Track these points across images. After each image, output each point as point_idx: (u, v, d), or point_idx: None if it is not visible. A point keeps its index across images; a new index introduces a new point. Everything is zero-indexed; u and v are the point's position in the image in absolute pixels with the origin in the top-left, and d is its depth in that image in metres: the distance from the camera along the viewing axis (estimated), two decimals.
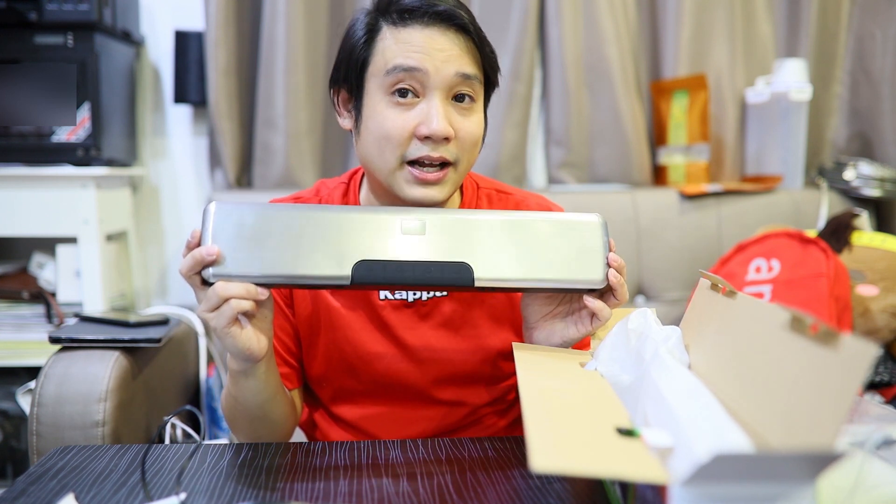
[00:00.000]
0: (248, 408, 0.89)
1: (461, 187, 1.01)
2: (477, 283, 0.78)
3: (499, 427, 1.04)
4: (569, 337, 0.86)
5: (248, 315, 0.77)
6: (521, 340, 0.96)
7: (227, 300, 0.74)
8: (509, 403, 1.04)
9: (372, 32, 0.88)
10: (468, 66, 0.87)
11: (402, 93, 0.86)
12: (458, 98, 0.88)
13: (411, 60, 0.85)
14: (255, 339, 0.78)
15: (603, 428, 0.60)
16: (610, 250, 0.83)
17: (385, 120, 0.87)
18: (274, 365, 0.88)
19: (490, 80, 0.93)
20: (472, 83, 0.88)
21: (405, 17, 0.86)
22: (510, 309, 0.99)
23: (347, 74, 0.91)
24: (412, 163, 0.87)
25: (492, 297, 0.98)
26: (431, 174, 0.87)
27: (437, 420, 1.00)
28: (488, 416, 1.03)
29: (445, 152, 0.87)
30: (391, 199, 0.92)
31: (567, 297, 0.87)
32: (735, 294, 0.73)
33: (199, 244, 0.76)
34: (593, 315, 0.84)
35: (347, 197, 1.00)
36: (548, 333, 0.88)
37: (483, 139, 0.94)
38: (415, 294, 0.96)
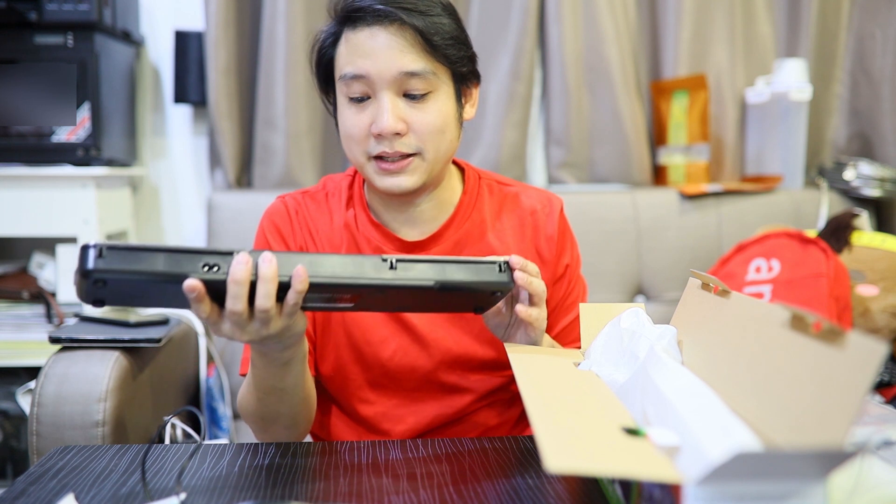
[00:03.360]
0: (296, 392, 0.88)
1: (464, 179, 1.04)
2: (397, 259, 0.77)
3: (504, 418, 1.05)
4: (528, 341, 0.89)
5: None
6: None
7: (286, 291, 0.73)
8: (514, 392, 1.05)
9: (335, 37, 0.93)
10: (413, 63, 0.89)
11: (358, 99, 0.91)
12: (412, 93, 0.90)
13: (355, 68, 0.90)
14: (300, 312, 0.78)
15: (609, 427, 0.60)
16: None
17: (346, 120, 0.93)
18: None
19: (454, 68, 0.93)
20: (422, 77, 0.90)
21: (355, 19, 0.90)
22: None
23: (319, 78, 0.98)
24: (376, 157, 0.92)
25: None
26: (394, 164, 0.91)
27: (444, 408, 1.00)
28: (495, 405, 1.03)
29: (401, 146, 0.90)
30: (375, 190, 0.97)
31: (509, 308, 0.88)
32: (729, 293, 0.73)
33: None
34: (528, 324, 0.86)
35: (353, 189, 1.03)
36: (527, 332, 0.90)
37: (461, 121, 0.97)
38: None
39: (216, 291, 0.71)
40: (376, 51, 0.88)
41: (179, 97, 1.90)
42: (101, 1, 1.64)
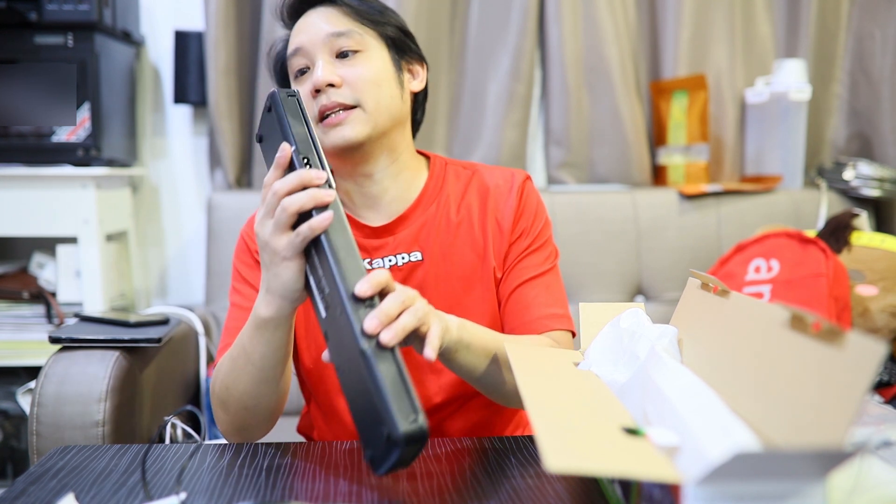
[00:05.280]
0: (263, 367, 0.86)
1: (429, 165, 1.06)
2: None
3: (490, 410, 1.05)
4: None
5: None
6: (491, 294, 1.01)
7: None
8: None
9: (286, 43, 1.04)
10: (339, 25, 0.98)
11: (301, 71, 0.99)
12: (344, 54, 0.97)
13: (294, 45, 0.99)
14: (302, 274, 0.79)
15: (609, 427, 0.60)
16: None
17: None
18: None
19: (383, 32, 1.01)
20: (349, 36, 0.97)
21: (293, 15, 1.02)
22: (480, 267, 1.02)
23: (278, 81, 1.08)
24: (320, 117, 0.96)
25: (462, 258, 1.01)
26: (335, 117, 0.95)
27: (428, 390, 1.01)
28: (479, 402, 1.03)
29: (337, 96, 0.95)
30: (329, 157, 1.00)
31: None
32: (728, 293, 0.73)
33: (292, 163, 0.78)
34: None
35: None
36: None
37: (403, 87, 1.01)
38: (390, 260, 1.00)
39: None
40: (309, 26, 0.99)
41: (179, 97, 1.90)
42: (101, 1, 1.64)
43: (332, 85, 0.95)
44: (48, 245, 1.79)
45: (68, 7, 1.62)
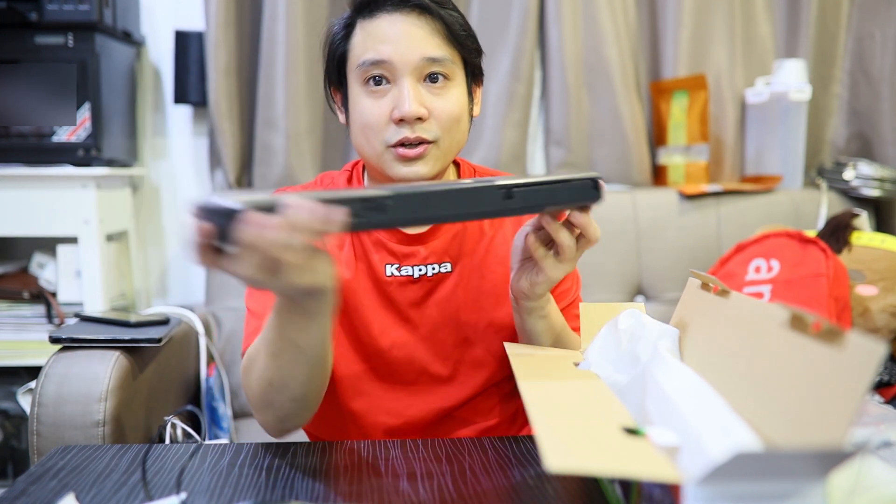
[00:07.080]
0: (312, 354, 0.77)
1: (458, 173, 1.05)
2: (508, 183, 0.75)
3: (503, 417, 1.05)
4: (555, 275, 0.85)
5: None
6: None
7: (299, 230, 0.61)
8: (514, 386, 1.05)
9: (348, 28, 0.94)
10: (435, 50, 0.90)
11: (376, 81, 0.91)
12: (432, 78, 0.91)
13: (377, 54, 0.89)
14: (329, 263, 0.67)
15: (609, 427, 0.60)
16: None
17: (364, 109, 0.91)
18: None
19: (468, 59, 0.95)
20: (442, 64, 0.91)
21: (372, 8, 0.91)
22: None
23: (331, 72, 0.97)
24: (395, 145, 0.91)
25: (493, 273, 0.99)
26: (412, 151, 0.90)
27: (441, 401, 1.00)
28: (492, 396, 1.03)
29: (422, 132, 0.90)
30: (387, 181, 0.96)
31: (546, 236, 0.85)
32: (728, 293, 0.73)
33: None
34: (580, 237, 0.86)
35: (352, 183, 1.04)
36: (533, 274, 0.85)
37: (471, 116, 0.98)
38: (420, 270, 0.98)
39: None
40: (398, 37, 0.89)
41: (180, 97, 1.90)
42: (101, 1, 1.64)
43: (419, 118, 0.89)
44: (48, 245, 1.79)
45: (69, 7, 1.62)
